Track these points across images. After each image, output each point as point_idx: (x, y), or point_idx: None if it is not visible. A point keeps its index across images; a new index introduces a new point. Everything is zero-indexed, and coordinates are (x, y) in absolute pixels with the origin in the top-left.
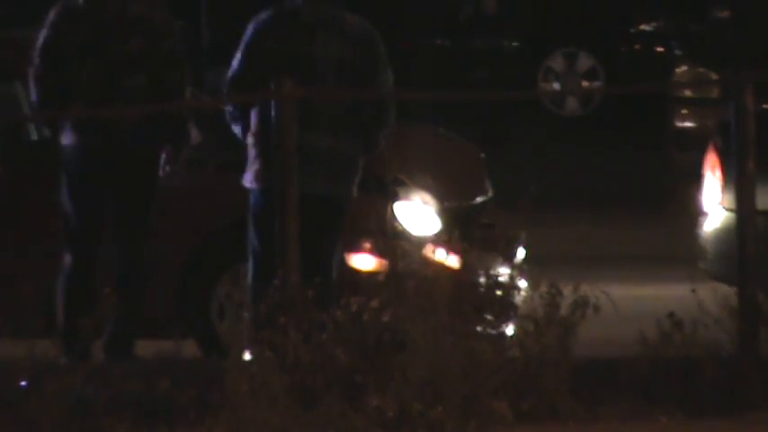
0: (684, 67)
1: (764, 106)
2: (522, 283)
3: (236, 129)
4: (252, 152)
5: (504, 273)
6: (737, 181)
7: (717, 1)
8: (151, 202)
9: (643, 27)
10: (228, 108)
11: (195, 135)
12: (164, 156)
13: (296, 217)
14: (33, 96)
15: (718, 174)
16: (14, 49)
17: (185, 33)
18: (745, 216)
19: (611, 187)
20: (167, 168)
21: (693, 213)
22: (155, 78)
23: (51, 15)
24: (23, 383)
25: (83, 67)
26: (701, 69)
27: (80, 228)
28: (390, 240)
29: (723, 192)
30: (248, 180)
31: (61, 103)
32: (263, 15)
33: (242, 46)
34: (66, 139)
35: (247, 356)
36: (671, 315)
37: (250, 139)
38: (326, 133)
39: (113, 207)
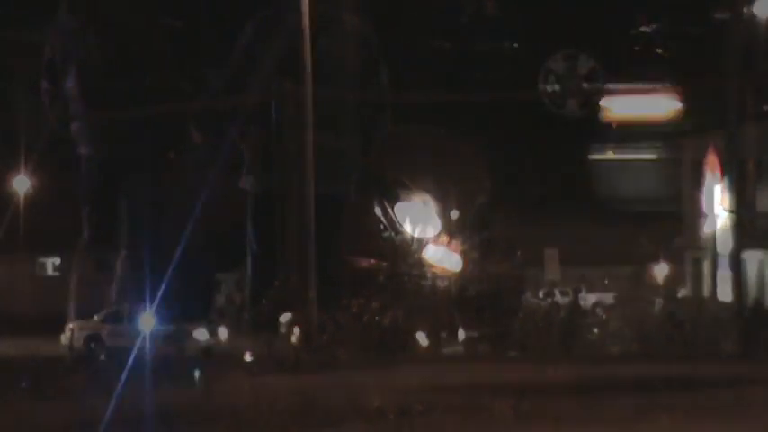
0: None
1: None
2: (523, 284)
3: (232, 132)
4: (251, 155)
5: (505, 274)
6: (737, 182)
7: (716, 2)
8: (160, 205)
9: (643, 29)
10: (224, 112)
11: (196, 136)
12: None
13: (297, 217)
14: (47, 111)
15: (718, 174)
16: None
17: (185, 34)
18: (744, 217)
19: (611, 187)
20: (177, 172)
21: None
22: (151, 81)
23: (51, 33)
24: (24, 384)
25: (76, 77)
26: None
27: (93, 233)
28: (391, 241)
29: (723, 193)
30: (248, 182)
31: (70, 114)
32: (261, 17)
33: (240, 49)
34: (80, 149)
35: (248, 357)
36: (671, 315)
37: (248, 142)
38: (328, 133)
39: (124, 211)
